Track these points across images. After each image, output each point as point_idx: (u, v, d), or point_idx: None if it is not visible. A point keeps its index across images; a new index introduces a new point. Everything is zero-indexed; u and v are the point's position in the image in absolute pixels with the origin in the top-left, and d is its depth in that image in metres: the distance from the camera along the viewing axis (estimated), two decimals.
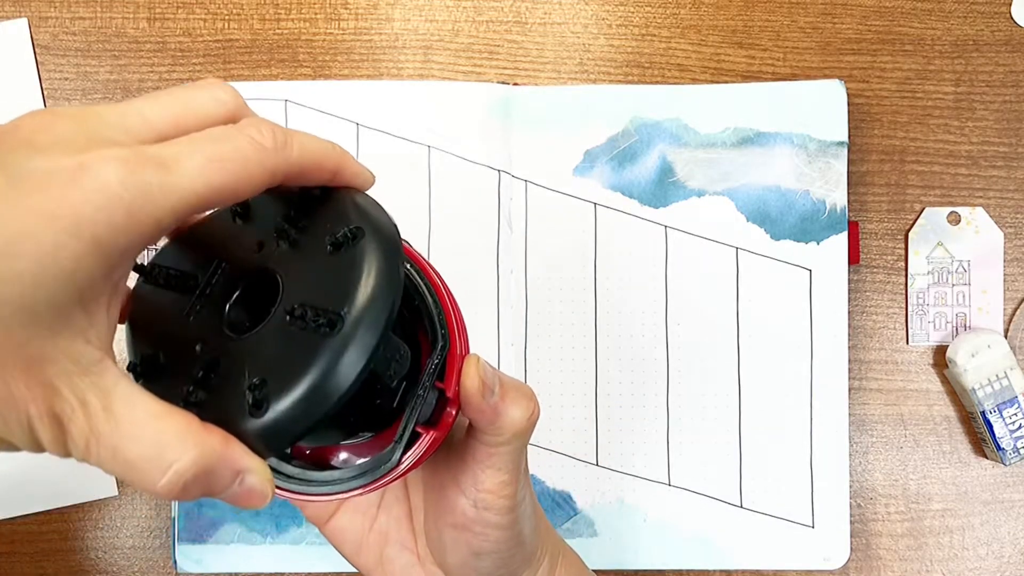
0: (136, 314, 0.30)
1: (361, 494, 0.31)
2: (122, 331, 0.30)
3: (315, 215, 0.28)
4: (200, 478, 0.24)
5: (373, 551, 0.37)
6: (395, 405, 0.31)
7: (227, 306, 0.28)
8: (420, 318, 0.31)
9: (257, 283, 0.28)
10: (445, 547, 0.35)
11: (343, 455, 0.35)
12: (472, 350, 0.32)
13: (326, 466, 0.34)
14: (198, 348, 0.27)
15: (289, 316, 0.25)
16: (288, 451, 0.32)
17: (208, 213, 0.31)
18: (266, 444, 0.25)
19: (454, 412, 0.31)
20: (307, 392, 0.24)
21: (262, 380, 0.25)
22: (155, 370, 0.28)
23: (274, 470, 0.32)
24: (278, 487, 0.32)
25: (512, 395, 0.32)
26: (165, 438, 0.23)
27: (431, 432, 0.30)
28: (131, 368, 0.28)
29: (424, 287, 0.31)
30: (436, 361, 0.30)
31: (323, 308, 0.25)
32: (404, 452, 0.30)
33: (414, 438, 0.30)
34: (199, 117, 0.26)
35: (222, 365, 0.26)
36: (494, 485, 0.33)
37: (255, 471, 0.25)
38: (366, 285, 0.25)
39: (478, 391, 0.30)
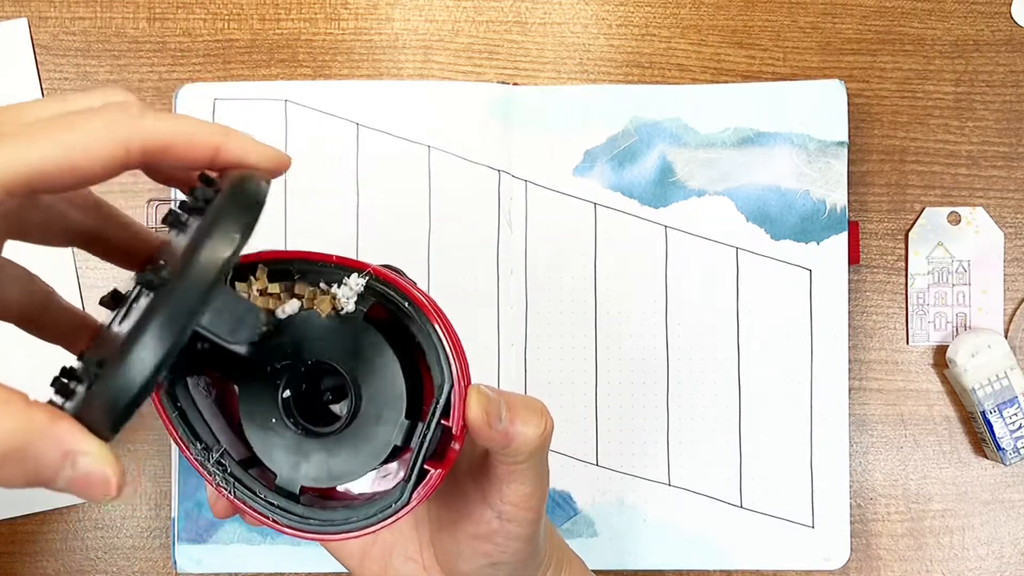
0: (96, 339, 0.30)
1: (373, 532, 0.31)
2: None
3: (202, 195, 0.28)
4: (15, 456, 0.22)
5: (377, 563, 0.37)
6: (400, 443, 0.31)
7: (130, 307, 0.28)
8: (421, 351, 0.31)
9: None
10: (460, 556, 0.34)
11: (350, 488, 0.35)
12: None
13: (333, 497, 0.34)
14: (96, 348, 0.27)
15: (140, 289, 0.25)
16: (297, 491, 0.32)
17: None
18: (100, 420, 0.23)
19: (458, 447, 0.31)
20: (128, 359, 0.23)
21: (101, 359, 0.24)
22: (68, 377, 0.28)
23: (284, 510, 0.32)
24: (289, 527, 0.32)
25: (522, 415, 0.31)
26: None
27: (439, 469, 0.31)
28: (52, 382, 0.27)
29: (424, 322, 0.31)
30: (440, 399, 0.31)
31: (155, 274, 0.24)
32: (415, 488, 0.31)
33: (422, 474, 0.31)
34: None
35: (91, 355, 0.26)
36: (519, 498, 0.33)
37: (90, 453, 0.23)
38: (197, 243, 0.24)
39: (484, 423, 0.30)
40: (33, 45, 0.55)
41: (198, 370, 0.34)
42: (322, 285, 0.31)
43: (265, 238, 0.53)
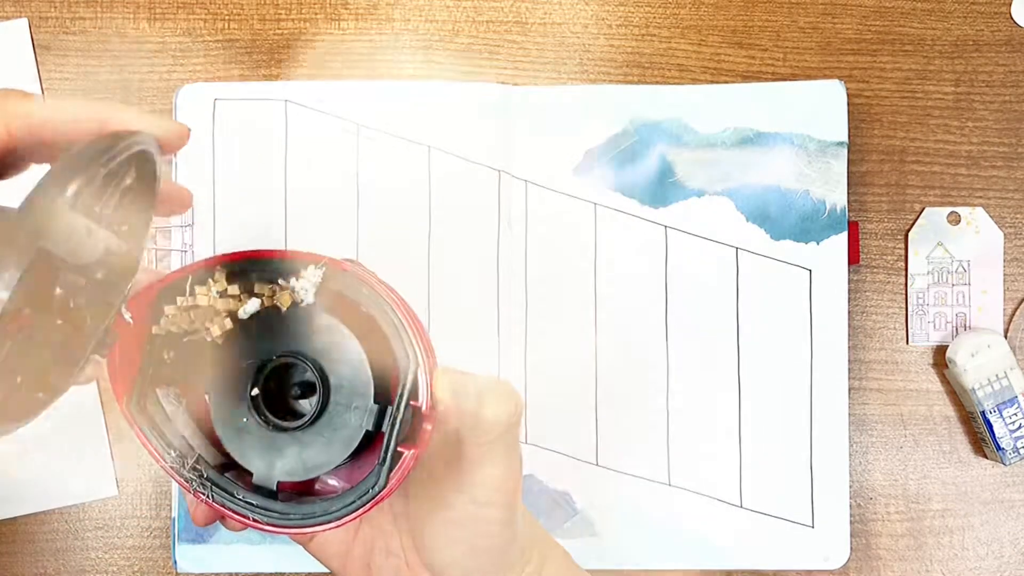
0: None
1: (354, 519, 0.32)
2: None
3: None
4: None
5: (359, 562, 0.36)
6: (372, 427, 0.31)
7: None
8: (387, 338, 0.32)
9: None
10: (439, 546, 0.35)
11: (328, 482, 0.35)
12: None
13: (313, 494, 0.34)
14: None
15: None
16: (274, 488, 0.33)
17: None
18: None
19: (430, 428, 0.31)
20: None
21: None
22: None
23: (263, 508, 0.33)
24: (270, 524, 0.33)
25: (490, 396, 0.32)
26: None
27: (413, 450, 0.31)
28: None
29: (384, 307, 0.31)
30: (407, 382, 0.31)
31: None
32: (391, 472, 0.31)
33: (396, 457, 0.31)
34: None
35: None
36: (492, 481, 0.33)
37: None
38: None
39: (452, 402, 0.31)
40: (33, 45, 0.55)
41: (167, 381, 0.34)
42: (280, 281, 0.32)
43: (266, 239, 0.53)
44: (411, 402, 0.31)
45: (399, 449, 0.31)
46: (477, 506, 0.33)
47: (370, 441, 0.32)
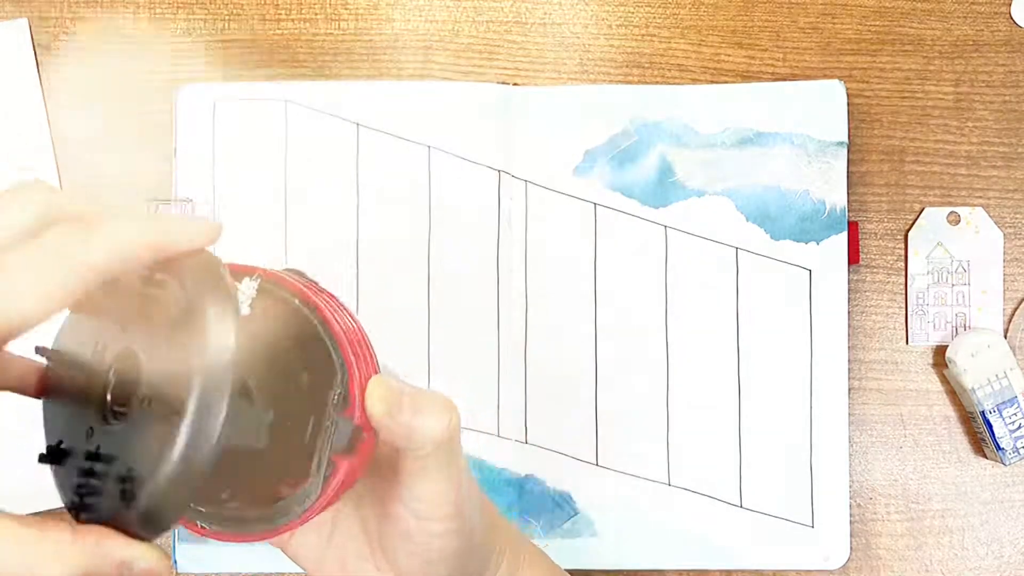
0: (49, 393, 0.31)
1: (287, 530, 0.31)
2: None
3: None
4: None
5: (334, 566, 0.36)
6: (307, 439, 0.31)
7: (109, 387, 0.28)
8: (321, 351, 0.31)
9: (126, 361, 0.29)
10: (397, 555, 0.34)
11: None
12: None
13: (269, 499, 0.34)
14: (87, 433, 0.28)
15: (142, 402, 0.26)
16: (223, 495, 0.33)
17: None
18: (146, 531, 0.26)
19: (367, 438, 0.31)
20: (167, 480, 0.25)
21: (129, 470, 0.25)
22: (61, 456, 0.29)
23: (210, 515, 0.33)
24: (218, 533, 0.32)
25: (425, 407, 0.31)
26: (32, 559, 0.24)
27: (346, 461, 0.31)
28: (44, 456, 0.29)
29: (316, 319, 0.31)
30: (337, 392, 0.31)
31: (165, 395, 0.25)
32: (326, 483, 0.31)
33: (331, 467, 0.31)
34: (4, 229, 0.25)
35: (103, 453, 0.27)
36: (431, 494, 0.32)
37: (141, 558, 0.26)
38: (200, 364, 0.25)
39: (384, 413, 0.30)
40: (33, 45, 0.55)
41: None
42: None
43: (265, 239, 0.53)
44: (345, 413, 0.31)
45: (334, 460, 0.31)
46: (419, 520, 0.33)
47: (311, 448, 0.32)
